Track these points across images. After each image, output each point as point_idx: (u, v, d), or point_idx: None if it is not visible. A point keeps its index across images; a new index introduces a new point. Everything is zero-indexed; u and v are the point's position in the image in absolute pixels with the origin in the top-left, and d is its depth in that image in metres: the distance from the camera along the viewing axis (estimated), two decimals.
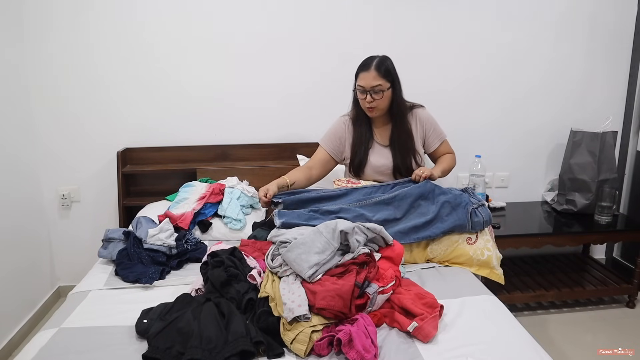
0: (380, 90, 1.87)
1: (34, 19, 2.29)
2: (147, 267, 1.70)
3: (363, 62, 1.91)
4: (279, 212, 1.75)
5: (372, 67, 1.86)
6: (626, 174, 2.83)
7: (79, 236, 2.58)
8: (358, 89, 1.91)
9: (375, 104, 1.89)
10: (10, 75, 2.24)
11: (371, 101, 1.89)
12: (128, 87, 2.44)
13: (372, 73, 1.85)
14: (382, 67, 1.87)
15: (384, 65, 1.88)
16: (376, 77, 1.86)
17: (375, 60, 1.88)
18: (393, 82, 1.90)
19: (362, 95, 1.90)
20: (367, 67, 1.87)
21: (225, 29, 2.42)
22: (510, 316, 1.43)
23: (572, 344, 2.19)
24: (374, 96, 1.88)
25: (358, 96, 1.93)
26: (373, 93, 1.87)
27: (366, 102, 1.90)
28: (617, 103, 2.76)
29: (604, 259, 2.99)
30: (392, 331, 1.34)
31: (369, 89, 1.87)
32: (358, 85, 1.90)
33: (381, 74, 1.86)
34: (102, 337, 1.31)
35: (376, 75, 1.85)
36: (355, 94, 1.97)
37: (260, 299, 1.40)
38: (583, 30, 2.64)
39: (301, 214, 1.74)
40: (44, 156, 2.46)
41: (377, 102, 1.89)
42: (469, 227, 1.75)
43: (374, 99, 1.89)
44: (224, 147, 2.55)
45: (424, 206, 1.80)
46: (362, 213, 1.75)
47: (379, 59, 1.89)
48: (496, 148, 2.73)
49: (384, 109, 1.94)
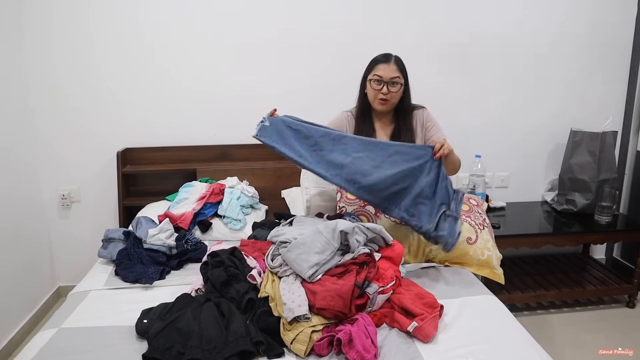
0: (397, 82, 1.88)
1: (34, 18, 2.29)
2: (147, 267, 1.70)
3: (381, 55, 1.92)
4: (263, 126, 1.78)
5: (392, 60, 1.88)
6: (626, 174, 2.83)
7: (79, 236, 2.58)
8: (374, 78, 1.89)
9: (390, 96, 1.90)
10: (11, 75, 2.24)
11: (387, 92, 1.89)
12: (128, 87, 2.44)
13: (393, 66, 1.87)
14: (399, 63, 1.90)
15: (402, 63, 1.92)
16: (395, 70, 1.87)
17: (392, 55, 1.91)
18: (406, 80, 1.93)
19: (378, 85, 1.89)
20: (388, 59, 1.89)
21: (226, 29, 2.42)
22: (510, 316, 1.43)
23: (572, 344, 2.19)
24: (390, 88, 1.88)
25: (373, 86, 1.90)
26: (390, 85, 1.88)
27: (381, 92, 1.89)
28: (617, 103, 2.76)
29: (604, 259, 2.99)
30: (392, 331, 1.34)
31: (387, 80, 1.87)
32: (375, 74, 1.89)
33: (400, 68, 1.89)
34: (102, 337, 1.31)
35: (396, 68, 1.88)
36: (363, 86, 1.96)
37: (260, 299, 1.40)
38: (583, 30, 2.63)
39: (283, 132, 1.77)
40: (44, 156, 2.46)
41: (392, 94, 1.90)
42: (431, 227, 1.65)
43: (390, 91, 1.89)
44: (224, 147, 2.55)
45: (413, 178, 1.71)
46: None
47: (396, 56, 1.92)
48: (496, 148, 2.73)
49: (395, 104, 1.95)
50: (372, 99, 1.94)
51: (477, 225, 1.85)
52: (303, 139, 1.77)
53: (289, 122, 1.80)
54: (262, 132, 1.77)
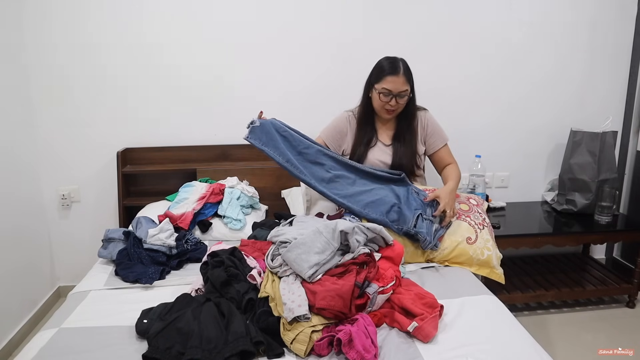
0: (405, 95, 1.87)
1: (34, 18, 2.29)
2: (147, 267, 1.70)
3: (388, 64, 1.87)
4: (253, 127, 1.85)
5: (401, 72, 1.84)
6: (626, 174, 2.83)
7: (79, 236, 2.58)
8: (383, 91, 1.86)
9: (397, 107, 1.89)
10: (11, 75, 2.24)
11: (395, 105, 1.88)
12: (128, 87, 2.44)
13: (402, 78, 1.84)
14: (407, 72, 1.86)
15: (409, 70, 1.88)
16: (404, 83, 1.85)
17: (400, 63, 1.86)
18: (412, 86, 1.91)
19: (386, 97, 1.87)
20: (396, 71, 1.84)
21: (226, 29, 2.42)
22: (510, 316, 1.43)
23: (572, 344, 2.19)
24: (398, 100, 1.87)
25: (382, 99, 1.88)
26: (398, 97, 1.86)
27: (389, 104, 1.88)
28: (617, 103, 2.76)
29: (604, 259, 2.99)
30: (392, 331, 1.34)
31: (396, 93, 1.85)
32: (384, 88, 1.85)
33: (407, 78, 1.86)
34: (102, 337, 1.31)
35: (404, 80, 1.85)
36: (368, 90, 1.95)
37: (260, 299, 1.40)
38: (583, 30, 2.63)
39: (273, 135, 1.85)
40: (44, 156, 2.46)
41: (400, 105, 1.90)
42: (410, 226, 1.74)
43: (398, 103, 1.88)
44: (224, 147, 2.55)
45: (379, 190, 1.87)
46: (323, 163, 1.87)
47: (403, 63, 1.87)
48: (496, 148, 2.73)
49: (400, 110, 1.95)
50: (378, 108, 1.94)
51: (477, 225, 1.85)
52: (290, 146, 1.87)
53: (278, 126, 1.89)
54: (252, 134, 1.85)
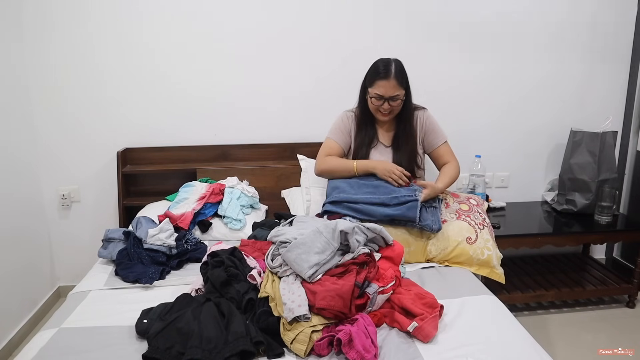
0: (398, 98, 1.86)
1: (33, 18, 2.29)
2: (147, 267, 1.70)
3: (380, 68, 1.85)
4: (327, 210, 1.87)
5: (392, 76, 1.82)
6: (626, 174, 2.83)
7: (79, 236, 2.58)
8: (375, 96, 1.86)
9: (390, 109, 1.89)
10: (11, 75, 2.23)
11: (388, 108, 1.88)
12: (128, 87, 2.43)
13: (392, 82, 1.82)
14: (400, 76, 1.84)
15: (402, 73, 1.85)
16: (396, 87, 1.83)
17: (392, 66, 1.84)
18: (407, 88, 1.90)
19: (378, 102, 1.87)
20: (387, 75, 1.82)
21: (226, 29, 2.42)
22: (510, 316, 1.43)
23: (572, 344, 2.19)
24: (391, 103, 1.87)
25: (374, 102, 1.88)
26: (391, 101, 1.86)
27: (383, 108, 1.88)
28: (617, 103, 2.76)
29: (604, 259, 2.99)
30: (392, 331, 1.34)
31: (387, 97, 1.85)
32: (375, 93, 1.85)
33: (400, 82, 1.84)
34: (102, 337, 1.31)
35: (396, 84, 1.83)
36: (363, 96, 1.95)
37: (260, 299, 1.40)
38: (583, 30, 2.63)
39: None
40: (44, 156, 2.46)
41: (393, 108, 1.89)
42: (415, 217, 1.75)
43: (391, 106, 1.88)
44: (224, 147, 2.55)
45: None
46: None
47: (396, 66, 1.84)
48: (496, 148, 2.73)
49: (396, 112, 1.94)
50: (373, 110, 1.94)
51: (477, 225, 1.85)
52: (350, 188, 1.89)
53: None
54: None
